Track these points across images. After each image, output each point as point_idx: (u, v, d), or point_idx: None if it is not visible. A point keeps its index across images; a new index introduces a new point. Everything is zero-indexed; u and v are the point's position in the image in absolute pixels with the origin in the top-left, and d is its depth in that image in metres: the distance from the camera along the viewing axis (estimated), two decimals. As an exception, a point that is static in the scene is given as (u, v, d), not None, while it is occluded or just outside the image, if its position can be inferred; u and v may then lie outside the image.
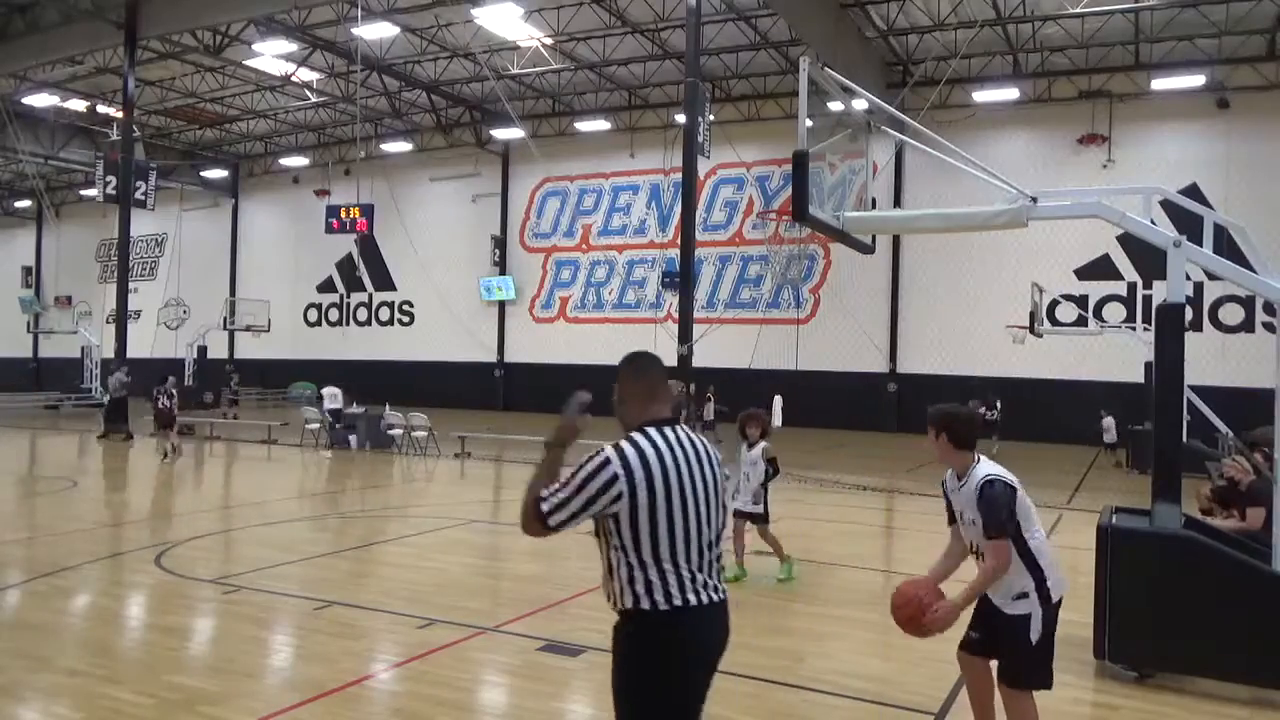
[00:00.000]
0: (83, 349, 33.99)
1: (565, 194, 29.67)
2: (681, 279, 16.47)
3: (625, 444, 2.56)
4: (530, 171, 30.02)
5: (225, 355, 36.45)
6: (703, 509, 2.55)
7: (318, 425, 18.43)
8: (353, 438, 17.71)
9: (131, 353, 22.60)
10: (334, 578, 7.48)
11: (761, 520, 7.23)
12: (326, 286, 34.81)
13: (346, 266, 33.95)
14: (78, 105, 28.09)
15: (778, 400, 22.26)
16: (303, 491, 12.87)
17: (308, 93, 27.27)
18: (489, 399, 29.78)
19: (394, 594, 6.87)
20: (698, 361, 17.01)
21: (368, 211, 27.58)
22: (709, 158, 23.64)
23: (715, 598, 2.51)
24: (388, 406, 18.40)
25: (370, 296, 33.96)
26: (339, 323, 34.76)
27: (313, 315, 35.26)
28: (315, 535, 8.97)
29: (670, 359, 16.45)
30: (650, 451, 2.52)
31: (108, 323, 34.52)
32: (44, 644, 5.72)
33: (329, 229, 28.07)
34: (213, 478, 14.72)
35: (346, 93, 27.23)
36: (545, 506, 2.49)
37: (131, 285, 25.57)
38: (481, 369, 30.75)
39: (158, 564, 7.69)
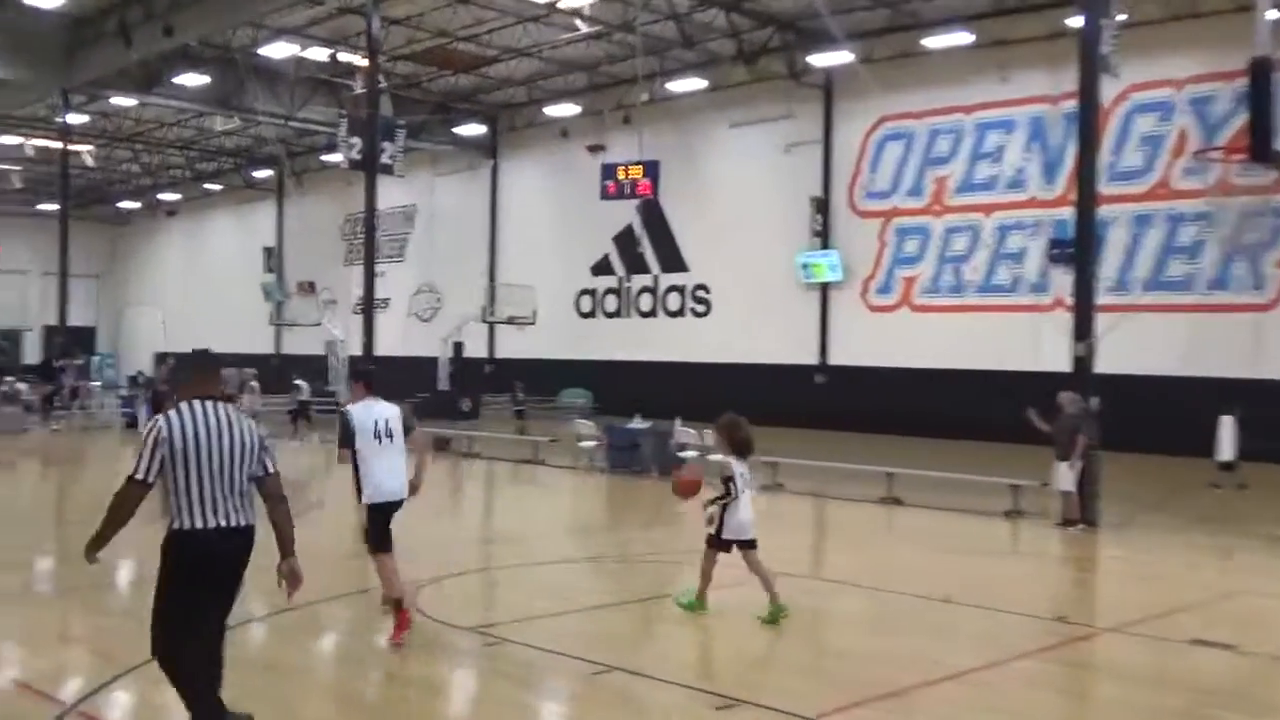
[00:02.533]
0: (327, 344, 40.92)
1: (910, 137, 30.85)
2: (1077, 250, 15.79)
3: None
4: (862, 109, 31.50)
5: (485, 352, 42.07)
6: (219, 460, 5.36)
7: (594, 444, 21.07)
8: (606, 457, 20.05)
9: (380, 349, 27.32)
10: (614, 635, 8.48)
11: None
12: (603, 267, 38.74)
13: (627, 241, 37.60)
14: (318, 54, 34.01)
15: (1227, 422, 20.84)
16: (576, 525, 15.05)
17: (577, 22, 30.52)
18: (808, 412, 31.23)
19: (686, 662, 7.67)
20: (1104, 364, 15.71)
21: (652, 170, 30.76)
22: (1118, 76, 23.35)
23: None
24: (678, 421, 19.65)
25: (655, 280, 37.32)
26: (617, 313, 38.56)
27: (585, 304, 39.48)
28: (591, 581, 10.15)
29: (1059, 360, 16.37)
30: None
31: (354, 313, 41.21)
32: (289, 688, 6.94)
33: (605, 194, 31.69)
34: (470, 504, 17.94)
35: (624, 19, 30.46)
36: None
37: (379, 268, 30.49)
38: (797, 373, 32.63)
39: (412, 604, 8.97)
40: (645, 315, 37.55)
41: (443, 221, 44.22)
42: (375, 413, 8.59)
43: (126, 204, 60.15)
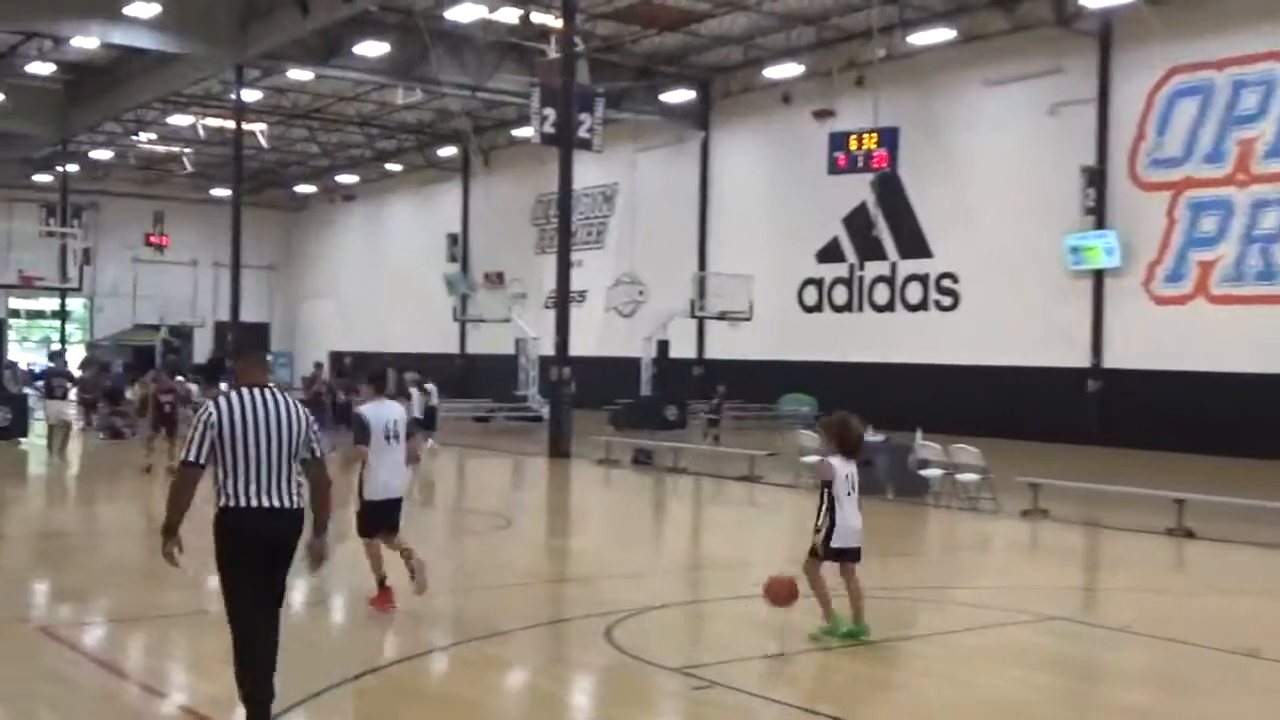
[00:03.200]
0: (517, 343, 42.19)
1: (1208, 91, 29.55)
2: None
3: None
4: (1146, 59, 30.39)
5: (693, 353, 42.52)
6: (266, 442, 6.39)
7: (819, 458, 21.04)
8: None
9: (575, 348, 27.95)
10: (838, 683, 8.58)
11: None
12: (831, 254, 38.66)
13: (859, 223, 37.37)
14: (508, 15, 35.07)
15: None
16: (798, 553, 15.45)
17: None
18: (1077, 425, 30.61)
19: (927, 717, 7.71)
20: None
21: (889, 139, 30.47)
22: None
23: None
24: (919, 434, 19.57)
25: (893, 268, 37.01)
26: (847, 306, 38.42)
27: (810, 296, 39.48)
28: (815, 618, 10.17)
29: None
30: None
31: (547, 307, 42.37)
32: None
33: (833, 167, 31.57)
34: (676, 527, 18.28)
35: (858, -38, 30.33)
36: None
37: (574, 256, 31.30)
38: (1065, 378, 31.83)
39: (608, 639, 9.29)
40: (880, 309, 37.28)
41: (647, 203, 44.94)
42: (385, 413, 10.41)
43: (302, 188, 63.59)
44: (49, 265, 35.74)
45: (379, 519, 10.39)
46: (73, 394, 31.36)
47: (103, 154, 55.10)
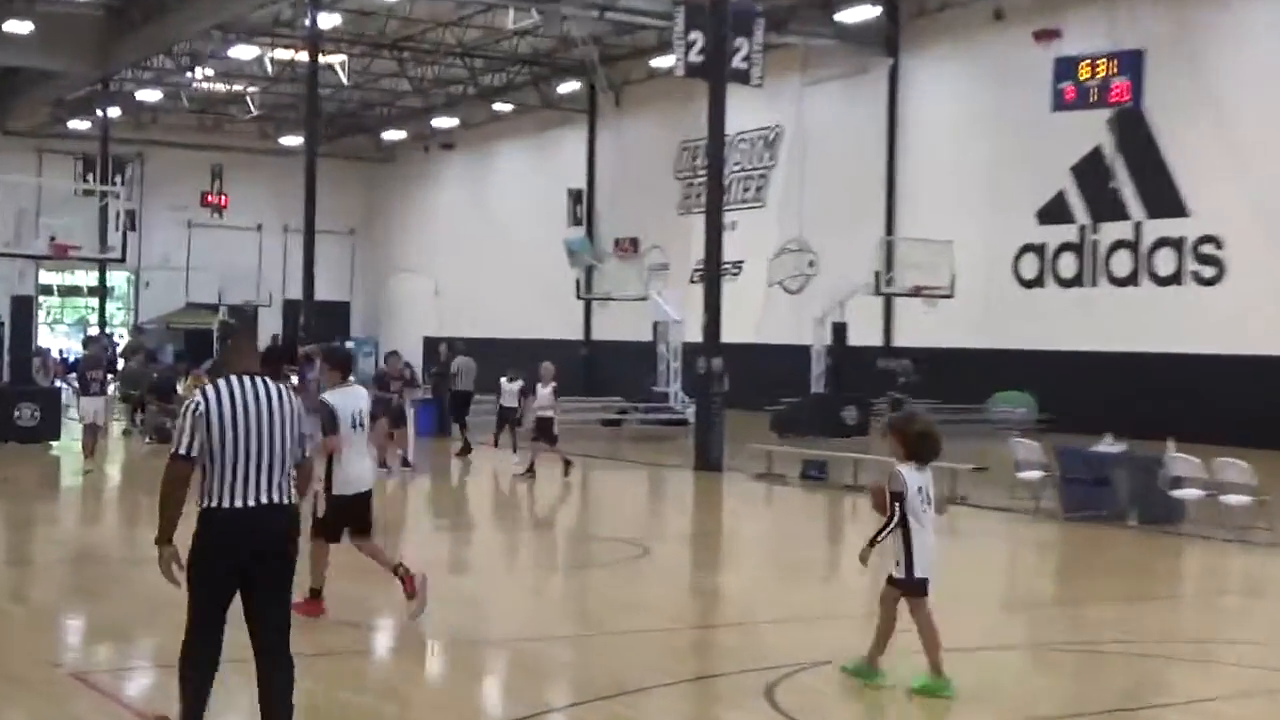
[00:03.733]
0: (655, 327, 42.32)
1: None
2: None
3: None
4: None
5: (878, 339, 42.14)
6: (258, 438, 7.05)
7: (1041, 474, 20.64)
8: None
9: (729, 333, 27.84)
10: None
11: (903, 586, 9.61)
12: (1055, 213, 38.12)
13: (1092, 173, 36.69)
14: (647, -84, 35.10)
15: None
16: (1013, 594, 15.19)
17: None
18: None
19: None
20: None
21: (1131, 65, 29.99)
22: None
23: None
24: (1171, 445, 19.25)
25: (1137, 229, 36.35)
26: (1077, 280, 37.81)
27: (1029, 266, 38.98)
28: (1036, 677, 10.18)
29: None
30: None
31: (693, 281, 42.35)
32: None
33: (1059, 103, 31.17)
34: (850, 560, 18.04)
35: None
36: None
37: (728, 217, 31.11)
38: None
39: (769, 700, 9.35)
40: (1120, 283, 36.73)
41: (819, 149, 44.72)
42: (352, 401, 11.52)
43: (390, 134, 64.69)
44: (86, 231, 36.55)
45: (347, 517, 11.38)
46: (114, 388, 32.36)
47: (150, 94, 56.50)
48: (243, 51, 49.34)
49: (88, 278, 59.22)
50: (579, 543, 18.57)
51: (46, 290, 61.45)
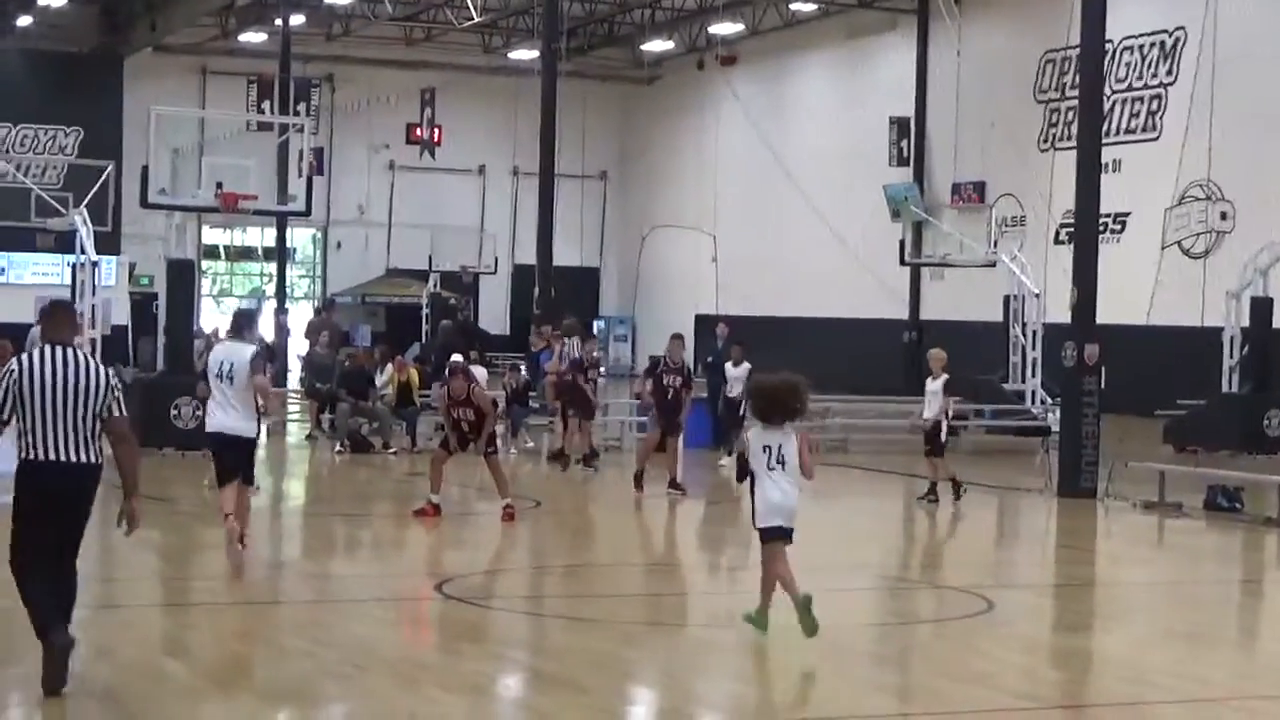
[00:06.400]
0: (1007, 302, 41.96)
1: None
2: None
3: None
4: None
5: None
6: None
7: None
8: None
9: (1109, 313, 27.69)
10: None
11: None
12: None
13: None
14: None
15: None
16: None
17: None
18: None
19: None
20: None
21: None
22: None
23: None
24: None
25: None
26: None
27: None
28: None
29: None
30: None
31: (1058, 242, 42.07)
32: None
33: None
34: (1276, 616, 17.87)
35: None
36: None
37: (1110, 154, 30.62)
38: None
39: None
40: None
41: (1236, 61, 43.88)
42: (223, 354, 17.99)
43: (653, 45, 65.10)
44: (261, 176, 37.41)
45: (221, 460, 17.69)
46: (296, 380, 33.38)
47: (343, -3, 58.09)
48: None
49: (263, 237, 61.14)
50: (900, 590, 18.57)
51: (211, 253, 63.83)
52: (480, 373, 32.48)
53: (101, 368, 11.18)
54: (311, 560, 20.69)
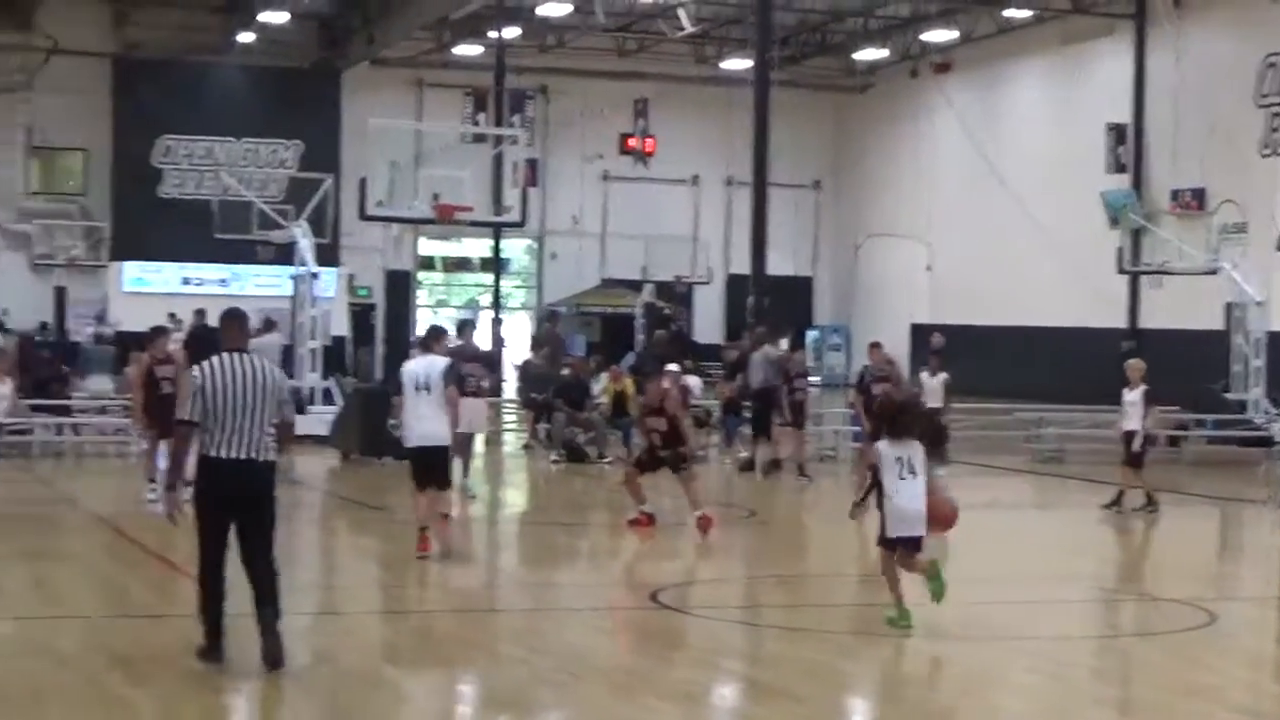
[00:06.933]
0: (1229, 310, 41.51)
1: None
2: None
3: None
4: None
5: None
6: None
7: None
8: None
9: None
10: None
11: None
12: None
13: None
14: None
15: None
16: None
17: None
18: None
19: None
20: None
21: None
22: None
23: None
24: None
25: None
26: None
27: None
28: None
29: None
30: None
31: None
32: None
33: None
34: None
35: None
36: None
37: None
38: None
39: None
40: None
41: None
42: (421, 367, 19.36)
43: (866, 54, 64.85)
44: (476, 187, 37.74)
45: (422, 468, 18.85)
46: (512, 389, 33.61)
47: (557, 8, 57.85)
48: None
49: (479, 247, 61.75)
50: (1118, 602, 18.41)
51: (427, 263, 64.58)
52: (694, 382, 32.68)
53: (277, 372, 12.57)
54: (527, 569, 20.98)
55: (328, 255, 42.99)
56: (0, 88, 58.04)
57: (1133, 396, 24.28)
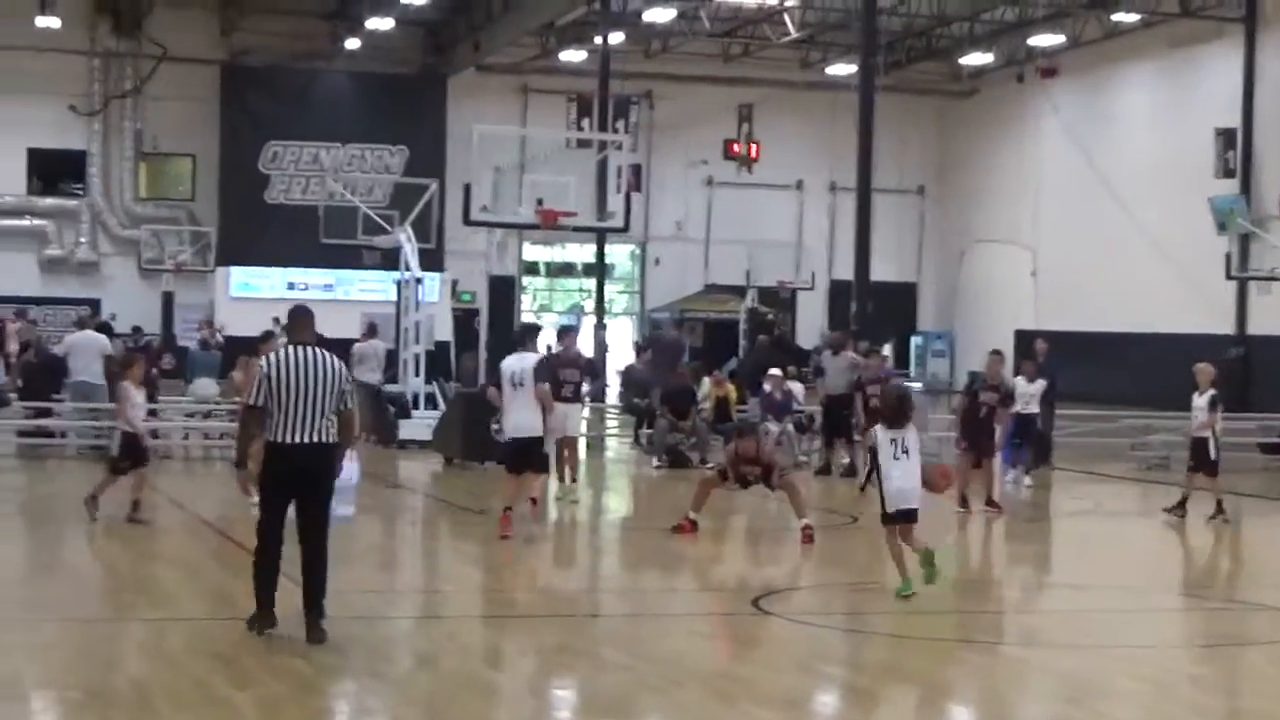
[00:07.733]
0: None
1: None
2: None
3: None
4: None
5: None
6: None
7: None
8: None
9: None
10: None
11: None
12: None
13: None
14: None
15: None
16: None
17: None
18: None
19: None
20: None
21: None
22: None
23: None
24: None
25: None
26: None
27: None
28: None
29: None
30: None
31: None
32: None
33: None
34: None
35: None
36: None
37: None
38: None
39: None
40: None
41: None
42: (515, 364, 20.81)
43: (972, 59, 64.64)
44: (580, 193, 37.60)
45: (517, 456, 20.71)
46: (613, 394, 33.61)
47: (662, 14, 57.71)
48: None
49: (582, 253, 61.90)
50: (1219, 611, 18.19)
51: (531, 269, 64.85)
52: (797, 388, 32.61)
53: (338, 364, 13.58)
54: (629, 574, 20.99)
55: (432, 260, 43.28)
56: (110, 95, 58.95)
57: (1200, 402, 24.02)
